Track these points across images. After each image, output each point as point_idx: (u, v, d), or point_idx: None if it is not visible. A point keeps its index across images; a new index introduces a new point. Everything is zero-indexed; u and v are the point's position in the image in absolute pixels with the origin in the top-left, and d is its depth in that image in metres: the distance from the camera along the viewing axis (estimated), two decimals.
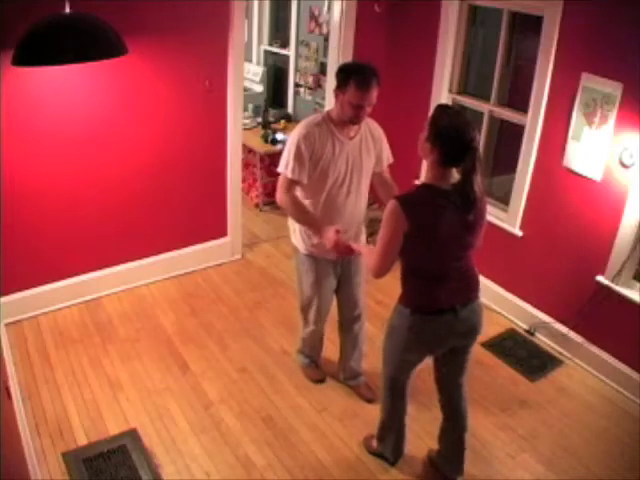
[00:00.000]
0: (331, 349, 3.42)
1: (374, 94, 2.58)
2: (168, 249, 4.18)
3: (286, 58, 6.12)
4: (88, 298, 3.91)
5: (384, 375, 2.64)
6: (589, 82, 3.19)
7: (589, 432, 3.12)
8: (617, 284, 3.31)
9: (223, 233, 4.43)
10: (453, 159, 2.17)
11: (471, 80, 4.21)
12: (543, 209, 3.67)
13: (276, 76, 6.42)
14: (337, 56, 4.39)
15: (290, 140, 2.71)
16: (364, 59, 4.40)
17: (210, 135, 4.03)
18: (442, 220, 2.19)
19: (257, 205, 5.46)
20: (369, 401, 3.20)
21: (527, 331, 3.88)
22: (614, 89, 3.08)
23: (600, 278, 3.38)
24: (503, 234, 3.92)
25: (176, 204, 4.07)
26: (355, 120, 2.64)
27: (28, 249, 3.55)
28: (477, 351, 3.65)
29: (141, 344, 3.57)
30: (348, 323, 3.17)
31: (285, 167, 2.69)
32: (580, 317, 3.55)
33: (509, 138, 3.98)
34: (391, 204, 2.20)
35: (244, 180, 5.18)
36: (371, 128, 2.83)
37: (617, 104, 3.08)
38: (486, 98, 3.98)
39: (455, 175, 2.24)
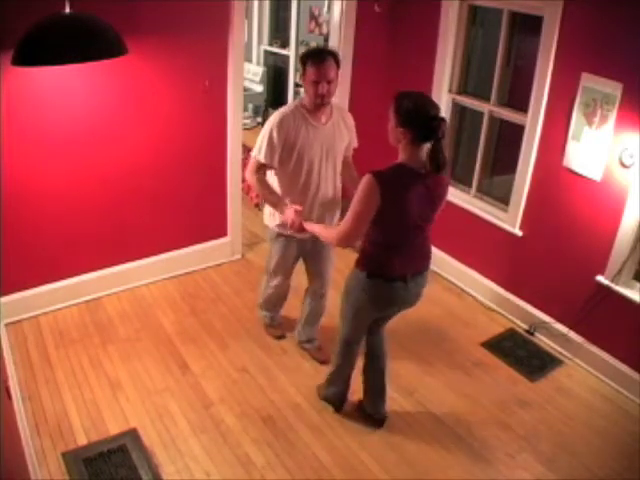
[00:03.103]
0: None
1: (330, 71, 2.79)
2: (168, 249, 4.18)
3: (286, 58, 6.12)
4: (88, 298, 3.91)
5: (341, 333, 2.88)
6: (589, 82, 3.19)
7: (589, 432, 3.12)
8: (617, 284, 3.31)
9: (223, 233, 4.42)
10: (425, 135, 2.34)
11: (471, 80, 4.20)
12: (543, 209, 3.67)
13: (276, 76, 6.43)
14: None
15: (265, 127, 2.94)
16: (364, 59, 4.44)
17: (210, 135, 4.03)
18: (412, 197, 2.38)
19: (257, 205, 5.45)
20: (322, 363, 3.41)
21: (527, 331, 3.88)
22: (614, 89, 3.08)
23: (600, 278, 3.39)
24: (503, 234, 3.92)
25: (176, 204, 4.07)
26: (319, 99, 2.82)
27: (28, 249, 3.55)
28: (477, 351, 3.68)
29: (141, 344, 3.57)
30: (314, 296, 3.41)
31: (258, 151, 2.93)
32: (580, 317, 3.55)
33: (509, 138, 3.98)
34: (367, 178, 2.36)
35: (244, 180, 5.17)
36: (344, 115, 3.07)
37: (617, 104, 3.08)
38: (486, 98, 3.98)
39: (424, 153, 2.40)
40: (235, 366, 3.44)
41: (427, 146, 2.37)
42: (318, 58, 2.78)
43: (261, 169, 2.98)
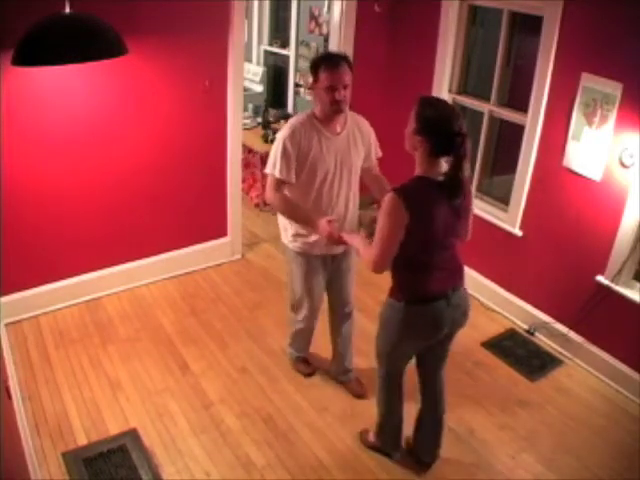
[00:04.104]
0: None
1: (345, 75, 2.59)
2: (168, 249, 4.18)
3: (286, 58, 6.11)
4: (88, 298, 3.91)
5: (379, 370, 2.68)
6: (589, 82, 3.19)
7: (589, 432, 3.12)
8: (617, 284, 3.31)
9: (223, 233, 4.43)
10: (443, 149, 2.20)
11: (471, 80, 4.20)
12: (543, 209, 3.67)
13: (276, 76, 6.42)
14: None
15: (277, 141, 2.74)
16: (364, 59, 4.44)
17: (210, 135, 4.03)
18: (437, 210, 2.24)
19: (257, 205, 5.45)
20: (359, 396, 3.23)
21: (527, 331, 3.88)
22: (614, 89, 3.07)
23: (600, 278, 3.38)
24: (503, 234, 3.92)
25: (176, 204, 4.07)
26: (335, 106, 2.62)
27: (28, 249, 3.55)
28: (477, 351, 3.68)
29: (141, 344, 3.57)
30: (339, 320, 3.19)
31: (273, 167, 2.71)
32: (580, 317, 3.55)
33: (509, 138, 3.98)
34: (390, 197, 2.21)
35: (244, 180, 5.18)
36: (358, 122, 2.85)
37: (617, 104, 3.08)
38: (486, 98, 3.98)
39: (443, 164, 2.27)
40: (235, 366, 3.44)
41: (446, 159, 2.23)
42: (332, 62, 2.59)
43: (280, 187, 2.73)
